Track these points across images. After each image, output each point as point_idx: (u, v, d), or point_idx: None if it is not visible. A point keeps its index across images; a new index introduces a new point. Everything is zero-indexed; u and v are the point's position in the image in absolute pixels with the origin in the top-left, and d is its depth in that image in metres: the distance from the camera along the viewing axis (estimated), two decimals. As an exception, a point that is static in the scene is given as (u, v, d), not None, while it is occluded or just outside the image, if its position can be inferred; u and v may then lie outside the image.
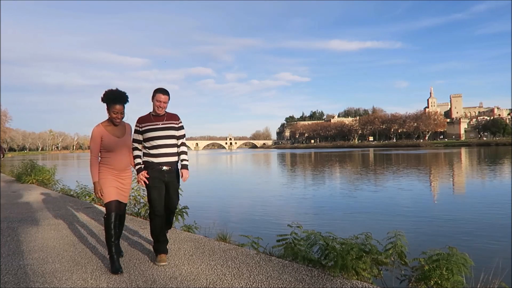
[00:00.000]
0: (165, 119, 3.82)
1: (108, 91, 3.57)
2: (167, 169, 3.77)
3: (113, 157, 3.64)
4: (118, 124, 3.67)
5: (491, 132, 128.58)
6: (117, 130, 3.69)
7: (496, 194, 13.37)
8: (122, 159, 3.71)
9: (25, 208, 7.52)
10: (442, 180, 19.37)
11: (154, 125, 3.78)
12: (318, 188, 16.43)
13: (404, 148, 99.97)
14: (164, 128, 3.79)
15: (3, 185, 12.82)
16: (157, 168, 3.75)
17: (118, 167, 3.68)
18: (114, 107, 3.57)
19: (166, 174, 3.77)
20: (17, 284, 3.24)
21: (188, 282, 3.22)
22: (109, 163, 3.64)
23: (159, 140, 3.75)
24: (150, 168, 3.76)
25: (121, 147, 3.68)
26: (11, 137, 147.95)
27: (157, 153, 3.75)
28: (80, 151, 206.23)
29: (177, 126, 3.88)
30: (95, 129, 3.62)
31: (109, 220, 3.59)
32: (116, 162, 3.66)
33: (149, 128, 3.77)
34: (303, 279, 3.22)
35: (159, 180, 3.75)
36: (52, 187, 12.55)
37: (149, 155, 3.79)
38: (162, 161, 3.75)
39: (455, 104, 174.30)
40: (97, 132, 3.61)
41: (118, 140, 3.66)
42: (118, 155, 3.67)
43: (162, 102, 3.75)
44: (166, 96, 3.78)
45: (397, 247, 3.37)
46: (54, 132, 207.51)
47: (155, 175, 3.74)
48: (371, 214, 9.89)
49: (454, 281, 2.85)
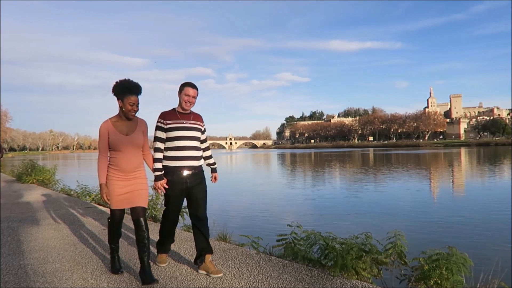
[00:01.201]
0: (191, 118, 3.46)
1: (120, 81, 3.23)
2: (189, 173, 3.38)
3: (119, 157, 3.25)
4: (132, 118, 3.29)
5: (491, 132, 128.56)
6: (125, 127, 3.29)
7: (496, 194, 13.37)
8: (130, 160, 3.29)
9: (25, 208, 7.53)
10: (441, 180, 19.38)
11: (180, 123, 3.37)
12: (318, 188, 16.44)
13: (404, 148, 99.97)
14: (191, 128, 3.41)
15: (4, 185, 12.82)
16: (177, 173, 3.36)
17: (125, 168, 3.27)
18: (129, 98, 3.20)
19: (187, 180, 3.37)
20: (18, 283, 3.25)
21: (188, 282, 3.23)
22: (116, 164, 3.26)
23: (184, 140, 3.36)
24: (169, 175, 3.36)
25: (127, 146, 3.27)
26: (11, 137, 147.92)
27: (180, 155, 3.35)
28: (81, 151, 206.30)
29: (202, 128, 3.54)
30: (102, 125, 3.26)
31: (112, 224, 3.45)
32: (122, 162, 3.25)
33: (175, 127, 3.36)
34: (303, 279, 3.22)
35: (180, 189, 3.38)
36: (52, 187, 12.56)
37: (169, 157, 3.38)
38: (184, 164, 3.36)
39: (454, 104, 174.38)
40: (104, 128, 3.25)
41: (124, 137, 3.26)
42: (125, 154, 3.26)
43: (191, 97, 3.38)
44: (195, 90, 3.42)
45: (397, 247, 3.37)
46: (54, 132, 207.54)
47: (174, 181, 3.36)
48: (371, 214, 9.90)
49: (453, 281, 2.85)
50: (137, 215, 3.29)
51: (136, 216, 3.30)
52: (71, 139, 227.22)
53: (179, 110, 3.44)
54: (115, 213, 3.38)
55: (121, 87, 3.21)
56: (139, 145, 3.35)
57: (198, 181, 3.44)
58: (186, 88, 3.38)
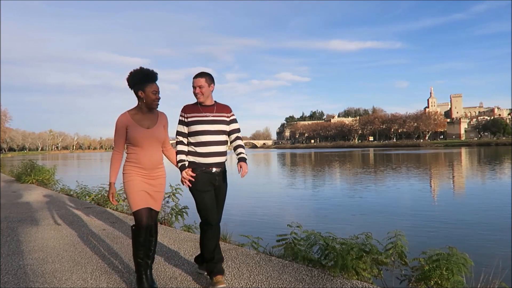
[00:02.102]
0: (215, 111, 3.17)
1: (137, 70, 2.94)
2: (217, 171, 3.14)
3: (141, 153, 2.97)
4: (156, 108, 3.06)
5: (491, 132, 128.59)
6: (146, 120, 3.01)
7: (496, 194, 13.37)
8: (152, 155, 3.01)
9: (25, 208, 7.52)
10: (442, 180, 19.37)
11: (202, 116, 3.12)
12: (318, 188, 16.43)
13: (404, 148, 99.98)
14: (214, 121, 3.15)
15: (3, 185, 12.81)
16: (207, 170, 3.11)
17: (148, 165, 2.99)
18: (152, 86, 2.94)
19: (216, 177, 3.14)
20: (17, 284, 3.24)
21: (188, 282, 3.22)
22: (137, 161, 2.97)
23: (207, 135, 3.11)
24: (198, 171, 3.11)
25: (150, 140, 2.99)
26: (11, 137, 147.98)
27: (206, 151, 3.10)
28: (80, 151, 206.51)
29: (228, 119, 3.25)
30: (119, 118, 2.96)
31: (138, 232, 2.94)
32: (145, 159, 2.97)
33: (196, 120, 3.11)
34: (303, 279, 3.21)
35: (209, 184, 3.12)
36: (52, 187, 12.55)
37: (195, 153, 3.13)
38: (212, 161, 3.11)
39: (455, 104, 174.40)
40: (122, 122, 2.95)
41: (146, 131, 2.98)
42: (148, 150, 2.99)
43: (198, 87, 3.08)
44: (201, 78, 3.10)
45: (397, 247, 3.37)
46: (54, 132, 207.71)
47: (204, 177, 3.10)
48: (371, 214, 9.89)
49: (454, 281, 2.84)
50: (151, 219, 3.06)
51: (150, 219, 3.04)
52: (71, 139, 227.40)
53: (201, 104, 3.18)
54: (141, 214, 2.94)
55: (140, 75, 2.93)
56: (160, 140, 3.08)
57: (223, 180, 3.24)
58: (193, 80, 3.13)
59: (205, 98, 3.14)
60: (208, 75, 3.15)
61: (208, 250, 3.12)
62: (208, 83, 3.12)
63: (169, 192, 6.35)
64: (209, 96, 3.17)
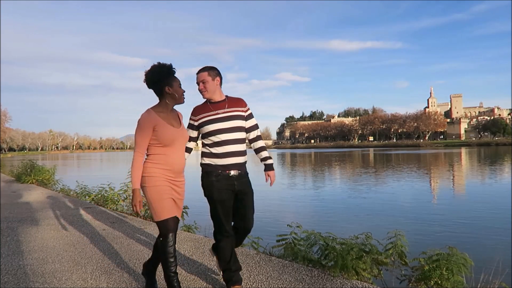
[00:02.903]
0: (226, 106, 2.87)
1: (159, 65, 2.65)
2: (236, 174, 2.82)
3: (171, 155, 2.68)
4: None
5: (491, 132, 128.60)
6: (172, 118, 2.75)
7: (496, 194, 13.36)
8: (182, 157, 2.77)
9: (25, 208, 7.52)
10: (442, 180, 19.37)
11: (213, 115, 2.84)
12: (318, 188, 16.43)
13: (404, 148, 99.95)
14: (227, 117, 2.84)
15: (3, 185, 12.81)
16: (224, 173, 2.80)
17: (177, 168, 2.72)
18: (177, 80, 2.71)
19: (235, 181, 2.82)
20: (17, 284, 3.24)
21: (188, 282, 3.22)
22: (165, 162, 2.66)
23: (222, 134, 2.81)
24: (213, 174, 2.81)
25: (181, 141, 2.75)
26: (11, 137, 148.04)
27: (222, 152, 2.79)
28: (80, 151, 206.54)
29: (244, 114, 2.93)
30: (145, 117, 2.64)
31: (167, 243, 2.68)
32: (174, 161, 2.69)
33: (207, 120, 2.84)
34: (303, 279, 3.21)
35: (226, 189, 2.81)
36: (52, 187, 12.56)
37: (209, 154, 2.84)
38: (230, 162, 2.80)
39: (455, 104, 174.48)
40: (149, 121, 2.62)
41: (177, 131, 2.71)
42: (178, 151, 2.72)
43: (201, 83, 2.84)
44: (203, 72, 2.85)
45: (397, 247, 3.37)
46: (54, 132, 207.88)
47: (220, 184, 2.79)
48: (371, 214, 9.89)
49: (454, 281, 2.84)
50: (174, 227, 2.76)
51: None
52: (71, 139, 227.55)
53: (210, 101, 2.91)
54: (169, 224, 2.66)
55: (166, 70, 2.65)
56: (187, 140, 2.88)
57: (246, 184, 2.91)
58: (196, 77, 2.89)
59: (211, 94, 2.85)
60: (211, 68, 2.88)
61: (224, 259, 2.91)
62: (212, 77, 2.84)
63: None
64: (215, 91, 2.87)
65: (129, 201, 6.91)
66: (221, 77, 2.91)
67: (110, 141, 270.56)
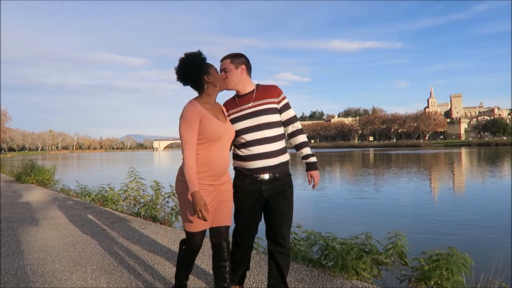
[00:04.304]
0: (253, 99, 2.49)
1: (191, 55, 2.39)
2: (266, 178, 2.46)
3: (213, 153, 2.35)
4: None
5: (491, 132, 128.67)
6: (218, 111, 2.44)
7: (496, 194, 13.37)
8: (226, 157, 2.44)
9: (25, 208, 7.52)
10: (442, 180, 19.37)
11: (238, 111, 2.50)
12: (318, 188, 16.41)
13: (404, 148, 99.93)
14: (253, 113, 2.47)
15: (3, 185, 12.82)
16: (252, 178, 2.47)
17: (220, 169, 2.39)
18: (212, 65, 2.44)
19: (264, 186, 2.47)
20: (17, 284, 3.24)
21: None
22: (205, 164, 2.33)
23: (247, 134, 2.45)
24: (240, 177, 2.52)
25: (228, 137, 2.43)
26: (10, 137, 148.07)
27: (248, 154, 2.45)
28: (80, 151, 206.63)
29: (277, 106, 2.53)
30: (190, 108, 2.31)
31: (188, 254, 2.55)
32: (217, 161, 2.37)
33: (234, 117, 2.50)
34: (303, 279, 3.21)
35: (252, 195, 2.48)
36: (52, 187, 12.56)
37: (237, 157, 2.53)
38: (258, 166, 2.45)
39: (455, 104, 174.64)
40: (197, 113, 2.29)
41: (224, 125, 2.40)
42: (222, 150, 2.39)
43: (222, 72, 2.49)
44: (225, 60, 2.51)
45: (397, 247, 3.36)
46: (54, 132, 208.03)
47: (246, 186, 2.49)
48: (371, 214, 9.89)
49: (454, 281, 2.84)
50: (218, 238, 2.45)
51: (217, 239, 2.45)
52: (71, 139, 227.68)
53: (237, 93, 2.56)
54: (196, 237, 2.46)
55: (198, 58, 2.38)
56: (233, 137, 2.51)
57: (280, 188, 2.52)
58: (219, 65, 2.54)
59: (233, 85, 2.50)
60: (235, 55, 2.52)
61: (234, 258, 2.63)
62: (236, 65, 2.49)
63: (169, 192, 6.36)
64: (239, 82, 2.51)
65: (129, 201, 6.91)
66: (248, 65, 2.54)
67: (110, 141, 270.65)
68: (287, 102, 2.58)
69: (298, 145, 2.63)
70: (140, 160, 58.52)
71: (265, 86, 2.57)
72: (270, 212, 2.53)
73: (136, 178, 6.96)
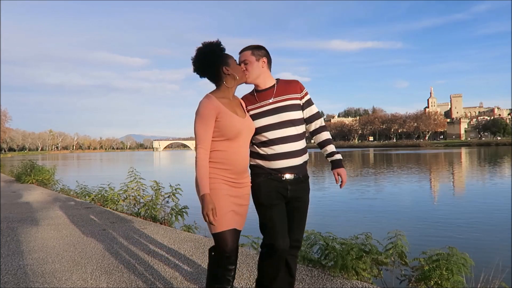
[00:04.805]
0: (273, 95, 2.34)
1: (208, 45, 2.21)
2: (291, 177, 2.31)
3: (233, 151, 2.19)
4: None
5: (491, 132, 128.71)
6: (235, 106, 2.27)
7: (496, 194, 13.36)
8: (246, 154, 2.29)
9: (25, 208, 7.52)
10: (442, 180, 19.37)
11: (258, 107, 2.34)
12: (317, 188, 16.42)
13: (404, 148, 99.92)
14: (275, 110, 2.31)
15: (3, 185, 12.82)
16: (276, 176, 2.30)
17: (240, 167, 2.23)
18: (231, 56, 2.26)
19: (289, 186, 2.31)
20: (17, 284, 3.24)
21: (188, 282, 3.22)
22: (226, 161, 2.17)
23: (269, 132, 2.29)
24: (262, 175, 2.32)
25: (248, 134, 2.27)
26: (10, 137, 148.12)
27: (271, 153, 2.29)
28: (80, 151, 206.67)
29: (300, 102, 2.39)
30: (206, 103, 2.15)
31: (220, 260, 2.18)
32: (237, 159, 2.20)
33: (254, 114, 2.33)
34: (303, 279, 3.21)
35: (277, 195, 2.30)
36: (52, 187, 12.57)
37: (258, 156, 2.34)
38: (282, 165, 2.28)
39: (455, 104, 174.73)
40: (212, 108, 2.14)
41: (243, 121, 2.23)
42: (241, 147, 2.23)
43: (242, 64, 2.31)
44: (246, 51, 2.34)
45: (397, 247, 3.36)
46: (54, 132, 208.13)
47: (269, 185, 2.29)
48: (371, 214, 9.88)
49: (454, 281, 2.84)
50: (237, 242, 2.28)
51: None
52: (71, 139, 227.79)
53: (256, 88, 2.40)
54: (225, 237, 2.14)
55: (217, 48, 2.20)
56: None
57: (302, 191, 2.39)
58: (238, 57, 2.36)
59: (254, 78, 2.33)
60: (256, 47, 2.36)
61: (269, 277, 2.37)
62: (257, 57, 2.32)
63: (169, 192, 6.36)
64: (260, 76, 2.34)
65: (129, 201, 6.91)
66: (269, 58, 2.39)
67: (110, 141, 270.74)
68: (309, 98, 2.43)
69: (322, 142, 2.47)
70: (140, 160, 58.54)
71: (286, 81, 2.42)
72: (289, 214, 2.38)
73: (136, 178, 6.96)
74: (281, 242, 2.23)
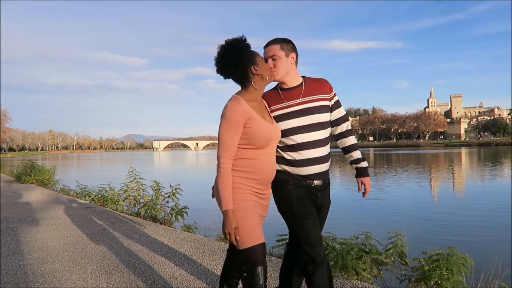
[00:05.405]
0: (302, 94, 2.13)
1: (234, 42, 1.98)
2: (319, 184, 2.13)
3: (262, 159, 1.98)
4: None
5: (491, 132, 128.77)
6: (264, 110, 2.08)
7: (496, 194, 13.36)
8: (274, 164, 2.07)
9: (25, 208, 7.52)
10: (442, 180, 19.37)
11: (284, 107, 2.12)
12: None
13: (404, 148, 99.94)
14: (304, 111, 2.11)
15: (3, 185, 12.82)
16: (305, 183, 2.10)
17: (267, 178, 2.03)
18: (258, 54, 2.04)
19: (319, 193, 2.15)
20: (17, 284, 3.24)
21: (188, 282, 3.22)
22: (254, 171, 1.96)
23: (297, 135, 2.09)
24: (290, 182, 2.10)
25: (275, 142, 2.07)
26: (10, 137, 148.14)
27: (299, 159, 2.09)
28: (80, 151, 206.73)
29: (329, 103, 2.19)
30: (235, 107, 1.91)
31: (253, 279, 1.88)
32: (267, 169, 2.01)
33: (279, 115, 2.12)
34: (303, 279, 3.21)
35: (309, 203, 2.11)
36: (52, 187, 12.57)
37: (284, 161, 2.12)
38: (312, 172, 2.10)
39: (455, 104, 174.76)
40: (241, 113, 1.90)
41: (271, 128, 2.02)
42: (269, 156, 2.03)
43: (269, 60, 2.09)
44: (274, 46, 2.11)
45: (397, 247, 3.36)
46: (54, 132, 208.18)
47: (300, 193, 2.09)
48: (371, 214, 9.88)
49: (454, 281, 2.84)
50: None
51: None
52: (71, 139, 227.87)
53: (281, 86, 2.18)
54: (256, 253, 1.89)
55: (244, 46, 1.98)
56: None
57: (327, 197, 2.25)
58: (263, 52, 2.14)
59: (282, 76, 2.11)
60: (284, 41, 2.13)
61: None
62: (286, 52, 2.11)
63: (169, 192, 6.37)
64: (289, 73, 2.13)
65: (129, 201, 6.90)
66: (297, 53, 2.18)
67: (110, 141, 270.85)
68: (338, 99, 2.25)
69: (349, 147, 2.29)
70: (140, 160, 58.54)
71: (314, 79, 2.20)
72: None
73: (136, 178, 6.96)
74: (323, 254, 2.09)
